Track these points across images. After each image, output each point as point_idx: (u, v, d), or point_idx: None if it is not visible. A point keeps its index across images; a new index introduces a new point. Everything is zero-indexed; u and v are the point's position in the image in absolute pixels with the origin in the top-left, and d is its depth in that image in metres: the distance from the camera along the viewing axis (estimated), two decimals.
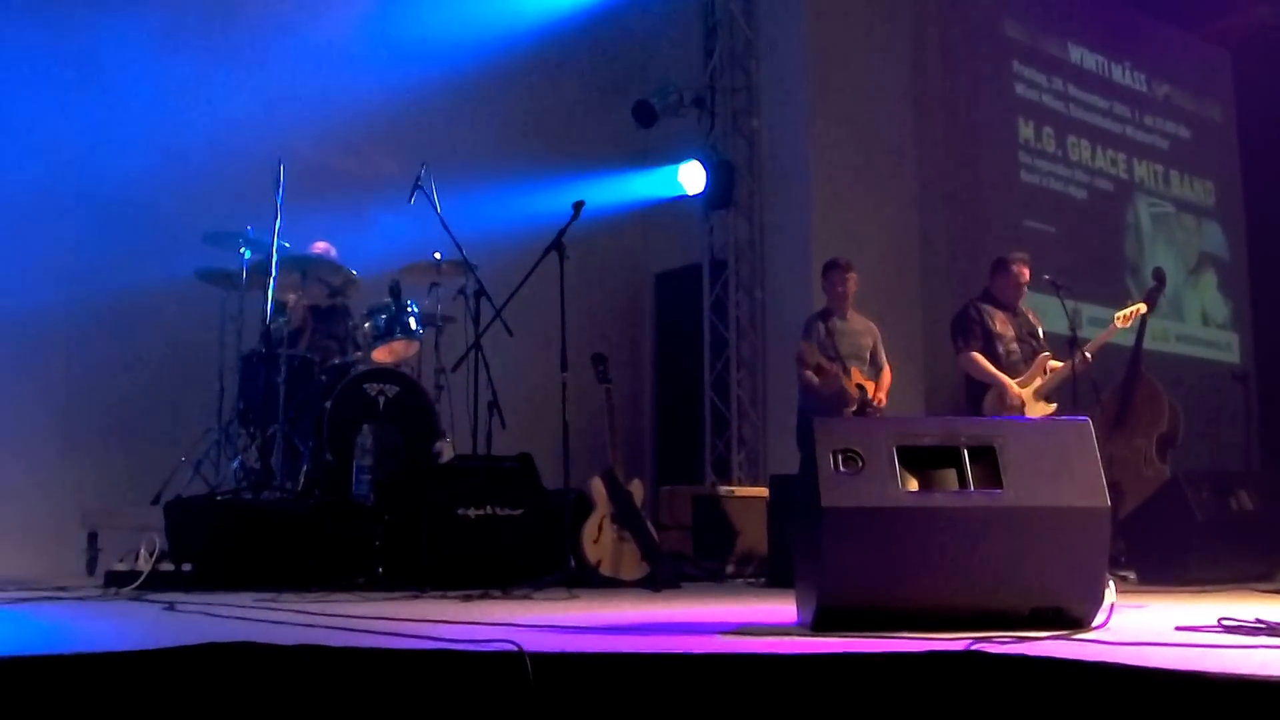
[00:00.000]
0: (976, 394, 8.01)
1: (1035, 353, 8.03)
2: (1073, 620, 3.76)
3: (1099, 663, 2.89)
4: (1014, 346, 8.04)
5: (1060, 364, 7.91)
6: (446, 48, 9.55)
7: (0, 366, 6.06)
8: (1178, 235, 13.63)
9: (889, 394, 8.19)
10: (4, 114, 8.23)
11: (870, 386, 8.01)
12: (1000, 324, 8.09)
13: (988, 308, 8.17)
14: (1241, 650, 3.23)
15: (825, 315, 8.22)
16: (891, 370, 8.33)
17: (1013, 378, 7.91)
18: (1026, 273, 8.24)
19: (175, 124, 8.64)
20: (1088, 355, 7.88)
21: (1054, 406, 7.85)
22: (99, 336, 8.41)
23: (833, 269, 8.27)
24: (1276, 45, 13.28)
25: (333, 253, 8.38)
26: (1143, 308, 8.40)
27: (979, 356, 7.98)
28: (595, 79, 11.07)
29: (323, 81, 9.18)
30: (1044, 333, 8.23)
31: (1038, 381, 7.89)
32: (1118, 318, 8.16)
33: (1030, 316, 8.30)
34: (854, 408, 7.88)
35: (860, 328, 8.26)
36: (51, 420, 8.38)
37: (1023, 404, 7.80)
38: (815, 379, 7.97)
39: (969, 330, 8.11)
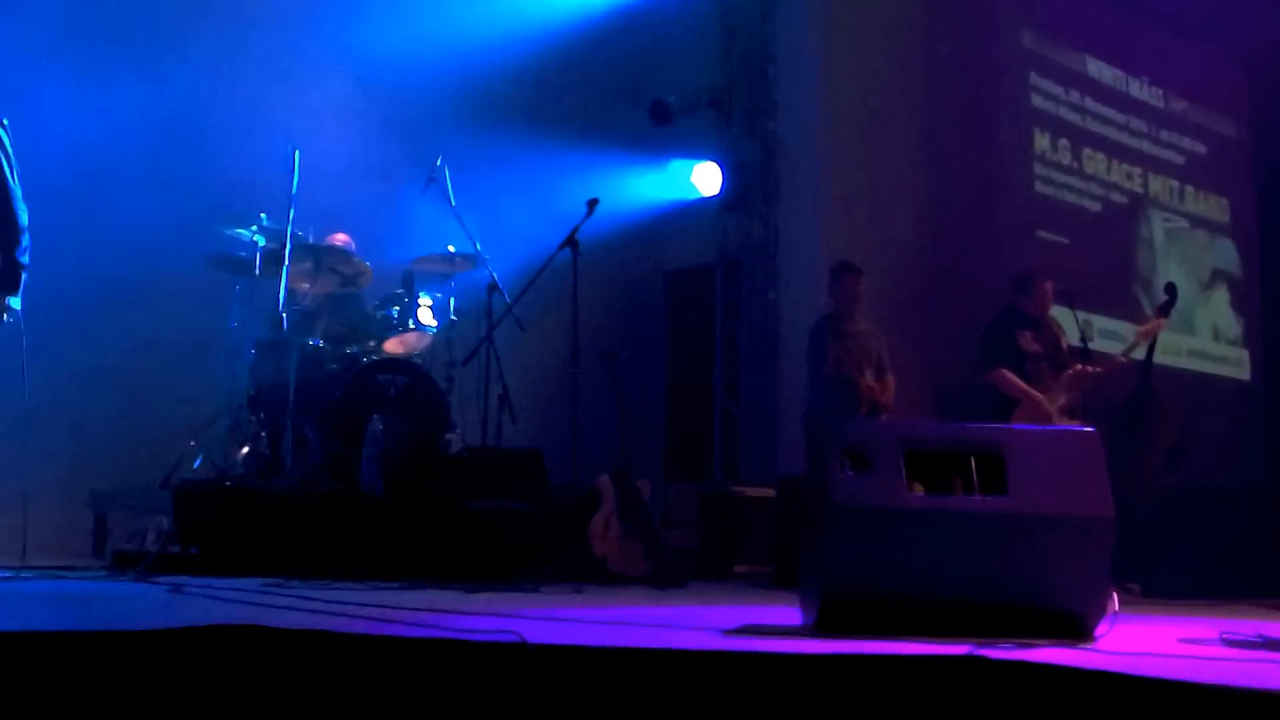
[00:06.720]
0: (1005, 409, 7.97)
1: (1062, 367, 8.01)
2: (1074, 629, 3.77)
3: (1098, 671, 2.91)
4: (1042, 365, 8.02)
5: (1084, 375, 7.91)
6: (466, 43, 9.55)
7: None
8: (1190, 251, 13.58)
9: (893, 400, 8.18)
10: (37, 102, 8.20)
11: (878, 389, 8.01)
12: (1028, 342, 8.05)
13: (1016, 325, 8.15)
14: (1241, 664, 3.25)
15: (834, 318, 8.21)
16: (898, 377, 8.30)
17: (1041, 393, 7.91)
18: (1051, 288, 8.24)
19: (198, 112, 8.66)
20: (1124, 358, 8.09)
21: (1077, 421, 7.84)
22: (111, 319, 8.35)
23: (845, 272, 8.23)
24: None
25: (352, 245, 8.36)
26: (1164, 323, 8.43)
27: (1009, 373, 7.93)
28: (613, 78, 11.05)
29: (342, 73, 9.20)
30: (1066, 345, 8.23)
31: (1064, 398, 7.87)
32: (1139, 332, 8.21)
33: (1054, 328, 8.27)
34: (865, 409, 7.88)
35: (867, 331, 8.25)
36: (62, 401, 8.36)
37: (1051, 420, 7.78)
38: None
39: (999, 347, 8.07)
